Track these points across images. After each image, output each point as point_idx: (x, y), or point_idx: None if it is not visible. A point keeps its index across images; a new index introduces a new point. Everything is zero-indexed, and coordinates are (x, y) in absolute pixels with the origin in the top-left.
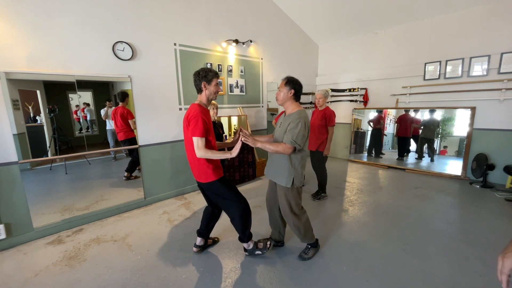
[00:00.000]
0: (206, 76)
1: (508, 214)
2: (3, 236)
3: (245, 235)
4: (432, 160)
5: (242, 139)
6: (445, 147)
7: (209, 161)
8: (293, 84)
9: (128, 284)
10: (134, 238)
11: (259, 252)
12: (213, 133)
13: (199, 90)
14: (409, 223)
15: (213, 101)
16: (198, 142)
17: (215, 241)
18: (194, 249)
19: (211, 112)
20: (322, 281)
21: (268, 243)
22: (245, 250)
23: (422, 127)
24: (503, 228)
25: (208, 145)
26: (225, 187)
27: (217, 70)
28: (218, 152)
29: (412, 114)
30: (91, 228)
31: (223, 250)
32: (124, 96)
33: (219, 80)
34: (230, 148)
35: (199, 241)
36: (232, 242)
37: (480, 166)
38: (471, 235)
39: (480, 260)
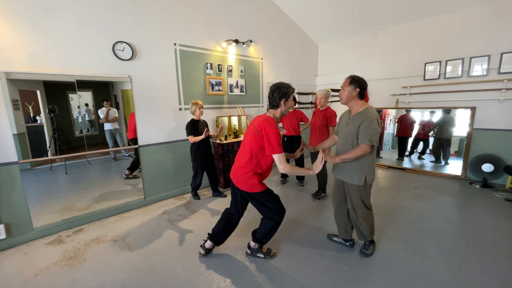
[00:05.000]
0: (286, 93)
1: (508, 214)
2: (3, 236)
3: (263, 237)
4: (446, 163)
5: (321, 158)
6: (455, 151)
7: (259, 174)
8: (358, 83)
9: (128, 284)
10: (134, 238)
11: (261, 256)
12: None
13: (275, 106)
14: (409, 223)
15: (198, 101)
16: (280, 158)
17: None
18: (202, 251)
19: (197, 112)
20: (322, 281)
21: (273, 252)
22: (249, 247)
23: (436, 128)
24: (503, 228)
25: (268, 160)
26: (269, 198)
27: (217, 70)
28: (302, 168)
29: (424, 115)
30: (91, 228)
31: (224, 250)
32: None
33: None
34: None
35: (209, 244)
36: (232, 242)
37: (497, 168)
38: (471, 235)
39: (480, 260)
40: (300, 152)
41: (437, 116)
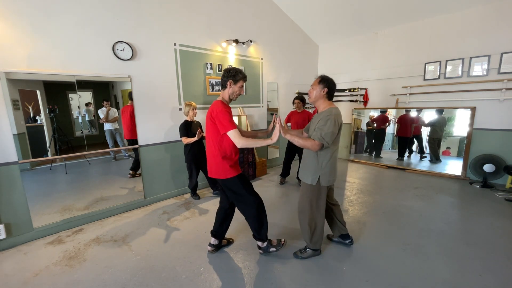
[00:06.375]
0: (235, 75)
1: (508, 214)
2: (3, 236)
3: (259, 233)
4: (438, 160)
5: (278, 126)
6: (448, 148)
7: (227, 157)
8: (327, 83)
9: (128, 284)
10: (134, 238)
11: (273, 249)
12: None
13: (224, 87)
14: (409, 223)
15: (192, 102)
16: (234, 135)
17: (229, 242)
18: (209, 248)
19: (191, 113)
20: (322, 281)
21: (282, 240)
22: (260, 248)
23: (430, 127)
24: (503, 228)
25: (229, 141)
26: (241, 184)
27: (217, 70)
28: (259, 139)
29: (415, 113)
30: (91, 228)
31: (224, 250)
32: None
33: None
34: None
35: (213, 240)
36: (235, 243)
37: (498, 168)
38: (471, 235)
39: (480, 260)
40: (271, 126)
41: (432, 116)
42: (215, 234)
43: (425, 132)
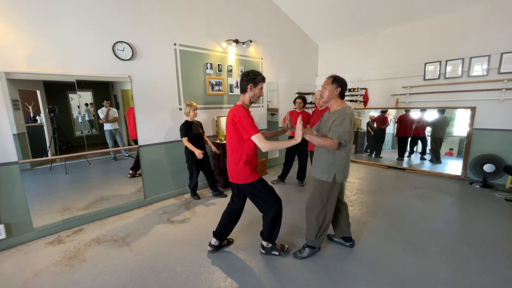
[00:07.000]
0: (254, 78)
1: (508, 214)
2: (3, 236)
3: (270, 235)
4: (439, 161)
5: (300, 125)
6: (450, 149)
7: (249, 162)
8: (340, 82)
9: (128, 284)
10: (134, 238)
11: (276, 253)
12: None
13: (244, 91)
14: (409, 223)
15: (192, 103)
16: (258, 139)
17: (229, 242)
18: (209, 248)
19: (192, 113)
20: (322, 281)
21: (286, 246)
22: (263, 247)
23: (431, 127)
24: (503, 228)
25: (250, 146)
26: (262, 188)
27: (217, 70)
28: (283, 141)
29: (418, 113)
30: (91, 228)
31: (224, 250)
32: None
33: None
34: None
35: (214, 241)
36: (235, 243)
37: (498, 168)
38: (471, 235)
39: (480, 260)
40: (286, 124)
41: (433, 116)
42: (218, 235)
43: (427, 132)
